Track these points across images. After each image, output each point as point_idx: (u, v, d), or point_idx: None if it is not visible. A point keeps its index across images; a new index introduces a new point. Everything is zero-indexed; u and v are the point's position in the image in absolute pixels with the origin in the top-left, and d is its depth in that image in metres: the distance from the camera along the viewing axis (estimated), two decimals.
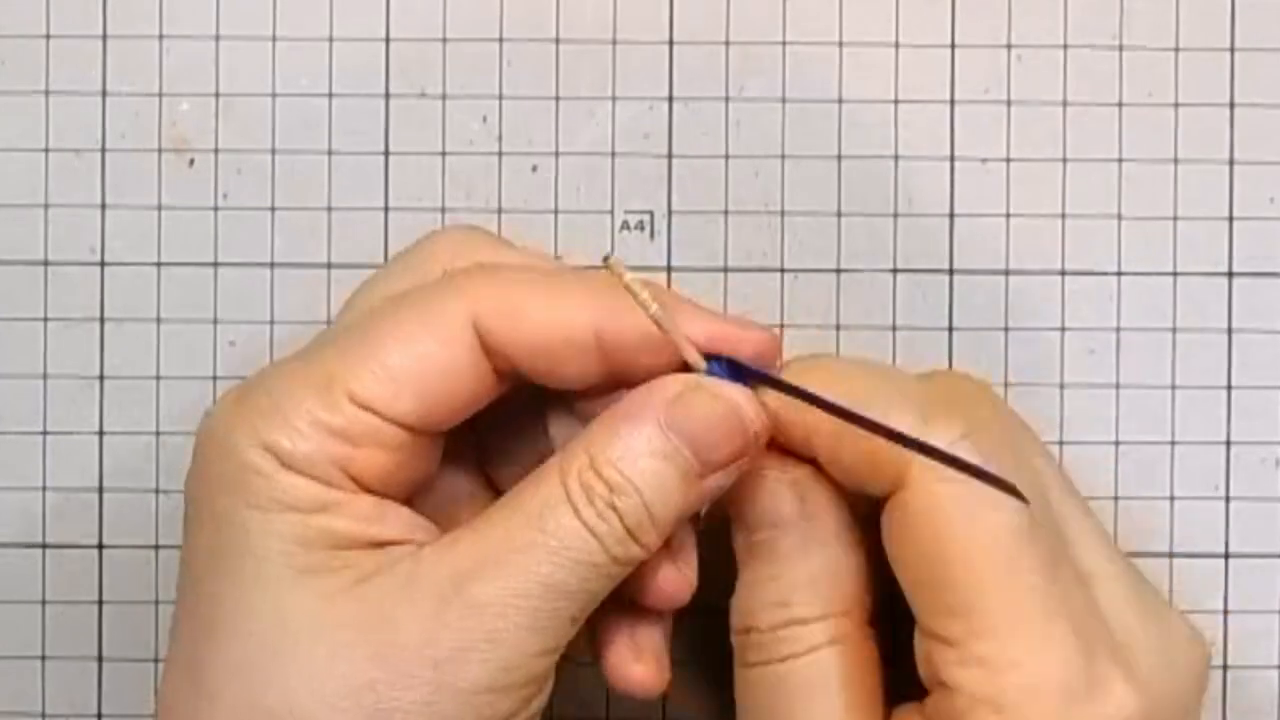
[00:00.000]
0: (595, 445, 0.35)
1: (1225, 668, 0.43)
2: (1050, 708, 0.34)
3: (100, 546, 0.43)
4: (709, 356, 0.36)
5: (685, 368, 0.36)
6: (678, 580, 0.37)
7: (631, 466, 0.35)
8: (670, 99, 0.43)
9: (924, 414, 0.35)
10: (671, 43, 0.43)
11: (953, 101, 0.43)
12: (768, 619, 0.37)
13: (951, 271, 0.43)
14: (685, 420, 0.35)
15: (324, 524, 0.35)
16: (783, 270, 0.43)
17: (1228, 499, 0.43)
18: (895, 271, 0.43)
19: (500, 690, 0.34)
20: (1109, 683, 0.34)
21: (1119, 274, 0.43)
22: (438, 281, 0.37)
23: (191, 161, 0.43)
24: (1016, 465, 0.35)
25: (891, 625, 0.37)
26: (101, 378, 0.43)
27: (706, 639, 0.43)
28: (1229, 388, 0.43)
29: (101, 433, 0.43)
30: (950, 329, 0.43)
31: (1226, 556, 0.43)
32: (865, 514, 0.37)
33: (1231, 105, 0.43)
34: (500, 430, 0.39)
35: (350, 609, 0.35)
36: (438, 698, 0.34)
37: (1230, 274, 0.43)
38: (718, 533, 0.39)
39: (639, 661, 0.38)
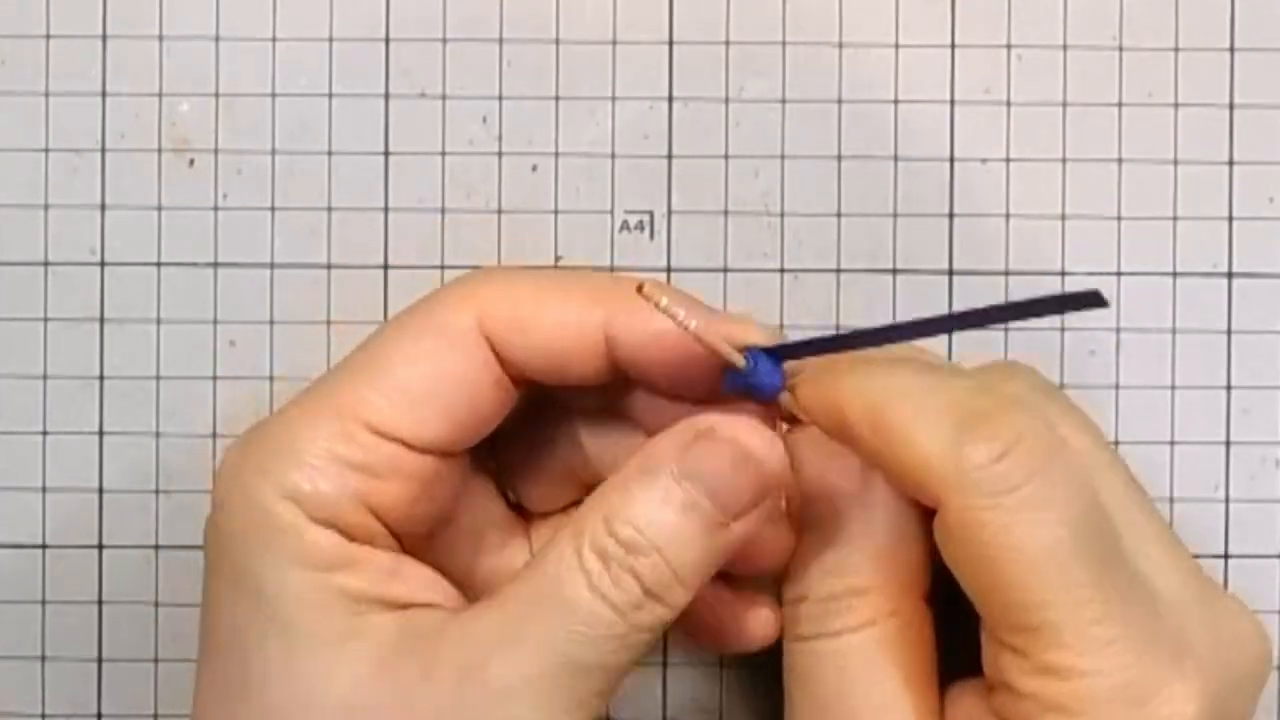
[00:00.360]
0: (609, 505, 0.34)
1: None
2: (1116, 712, 0.34)
3: (100, 546, 0.43)
4: (743, 351, 0.35)
5: (716, 365, 0.36)
6: (782, 539, 0.37)
7: (648, 523, 0.34)
8: (670, 99, 0.43)
9: (959, 429, 0.34)
10: (671, 43, 0.43)
11: (953, 101, 0.43)
12: (822, 588, 0.36)
13: (951, 272, 0.43)
14: (699, 468, 0.34)
15: (342, 583, 0.34)
16: (783, 270, 0.43)
17: (1228, 499, 0.43)
18: (895, 271, 0.43)
19: None
20: (1170, 684, 0.34)
21: (1119, 274, 0.43)
22: (439, 293, 0.37)
23: (191, 161, 0.43)
24: (1063, 474, 0.34)
25: (939, 599, 0.37)
26: (101, 378, 0.43)
27: None
28: (1229, 388, 0.43)
29: (101, 433, 0.43)
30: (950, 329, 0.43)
31: (1226, 556, 0.43)
32: None
33: (1231, 105, 0.43)
34: (521, 448, 0.39)
35: (375, 690, 0.34)
36: None
37: (1230, 274, 0.43)
38: None
39: (758, 608, 0.37)
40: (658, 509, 0.34)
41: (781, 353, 0.36)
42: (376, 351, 0.36)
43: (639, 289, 0.34)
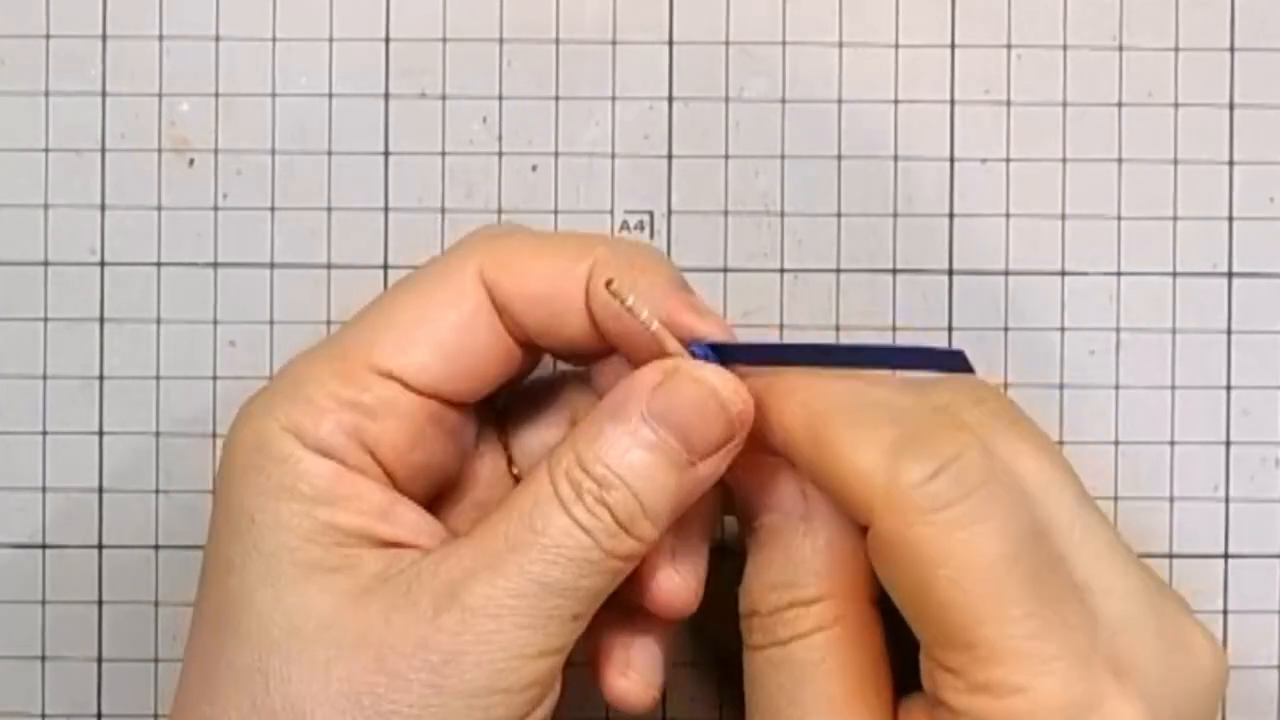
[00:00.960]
0: (581, 442, 0.35)
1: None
2: None
3: (100, 546, 0.43)
4: (688, 344, 0.36)
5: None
6: (678, 587, 0.37)
7: (619, 461, 0.35)
8: (670, 99, 0.43)
9: (894, 446, 0.34)
10: (671, 43, 0.43)
11: (953, 101, 0.43)
12: (770, 602, 0.36)
13: (951, 271, 0.43)
14: (668, 408, 0.35)
15: (330, 517, 0.35)
16: (782, 270, 0.43)
17: (1228, 499, 0.43)
18: (895, 271, 0.43)
19: (501, 692, 0.34)
20: (1108, 699, 0.34)
21: (1119, 274, 0.43)
22: (444, 253, 0.38)
23: (191, 161, 0.43)
24: (997, 493, 0.34)
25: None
26: (101, 378, 0.43)
27: (706, 639, 0.43)
28: (1229, 388, 0.43)
29: (101, 433, 0.43)
30: (950, 329, 0.43)
31: (1226, 556, 0.43)
32: None
33: (1231, 105, 0.43)
34: (529, 426, 0.39)
35: (354, 615, 0.35)
36: (436, 701, 0.34)
37: (1230, 274, 0.43)
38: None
39: (625, 676, 0.38)
40: (628, 447, 0.35)
41: (722, 354, 0.36)
42: (382, 303, 0.37)
43: (607, 284, 0.35)
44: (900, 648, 0.37)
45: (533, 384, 0.40)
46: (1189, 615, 0.37)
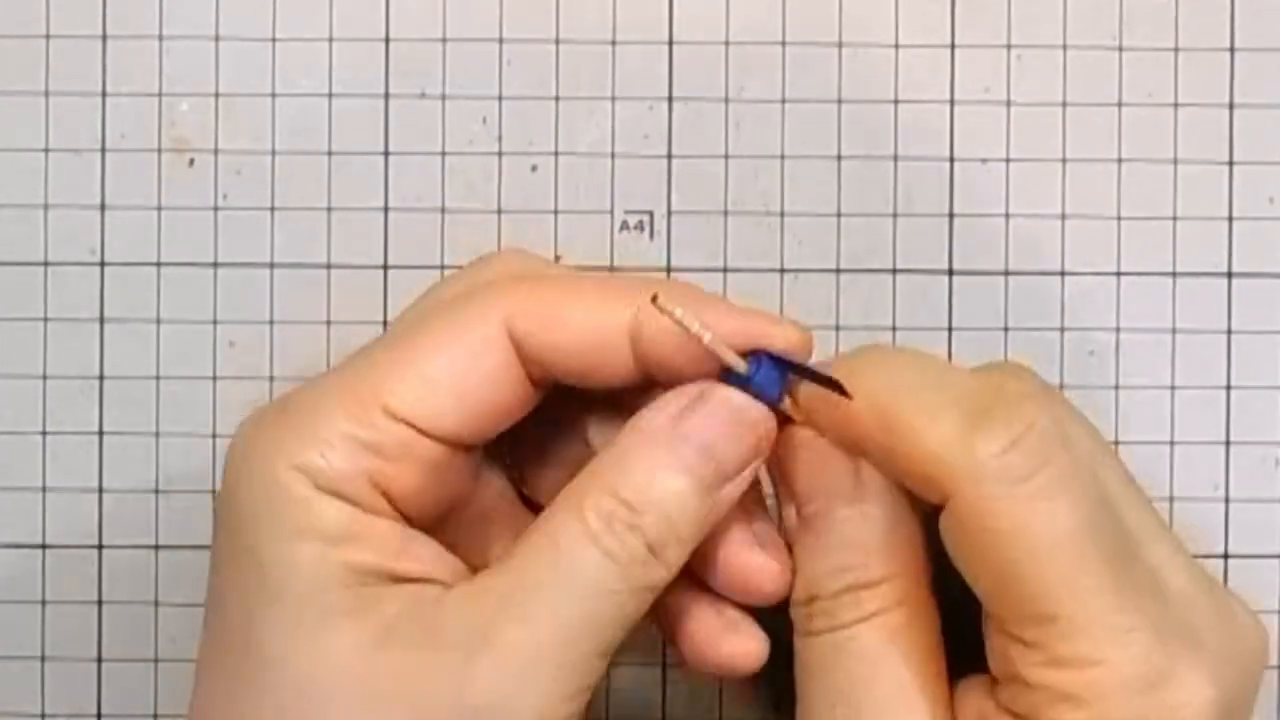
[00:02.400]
0: (609, 470, 0.35)
1: None
2: (1129, 700, 0.34)
3: (100, 546, 0.43)
4: (747, 355, 0.36)
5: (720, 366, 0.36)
6: (774, 571, 0.37)
7: (650, 484, 0.35)
8: (670, 99, 0.43)
9: (969, 420, 0.35)
10: (671, 43, 0.43)
11: (953, 101, 0.43)
12: (832, 585, 0.36)
13: (951, 271, 0.43)
14: (694, 432, 0.35)
15: (347, 557, 0.35)
16: (782, 270, 0.43)
17: (1228, 499, 0.43)
18: (895, 272, 0.43)
19: None
20: (1183, 672, 0.34)
21: (1119, 274, 0.43)
22: (471, 292, 0.37)
23: (191, 161, 0.43)
24: (1073, 464, 0.35)
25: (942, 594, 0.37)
26: (101, 378, 0.43)
27: None
28: (1229, 388, 0.43)
29: (101, 433, 0.43)
30: (950, 329, 0.43)
31: (1226, 556, 0.43)
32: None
33: (1231, 105, 0.43)
34: (533, 438, 0.39)
35: (382, 662, 0.34)
36: None
37: (1230, 274, 0.43)
38: None
39: (736, 633, 0.37)
40: (657, 472, 0.35)
41: (789, 367, 0.36)
42: (400, 342, 0.36)
43: (653, 299, 0.35)
44: (951, 633, 0.37)
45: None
46: (1229, 592, 0.38)
